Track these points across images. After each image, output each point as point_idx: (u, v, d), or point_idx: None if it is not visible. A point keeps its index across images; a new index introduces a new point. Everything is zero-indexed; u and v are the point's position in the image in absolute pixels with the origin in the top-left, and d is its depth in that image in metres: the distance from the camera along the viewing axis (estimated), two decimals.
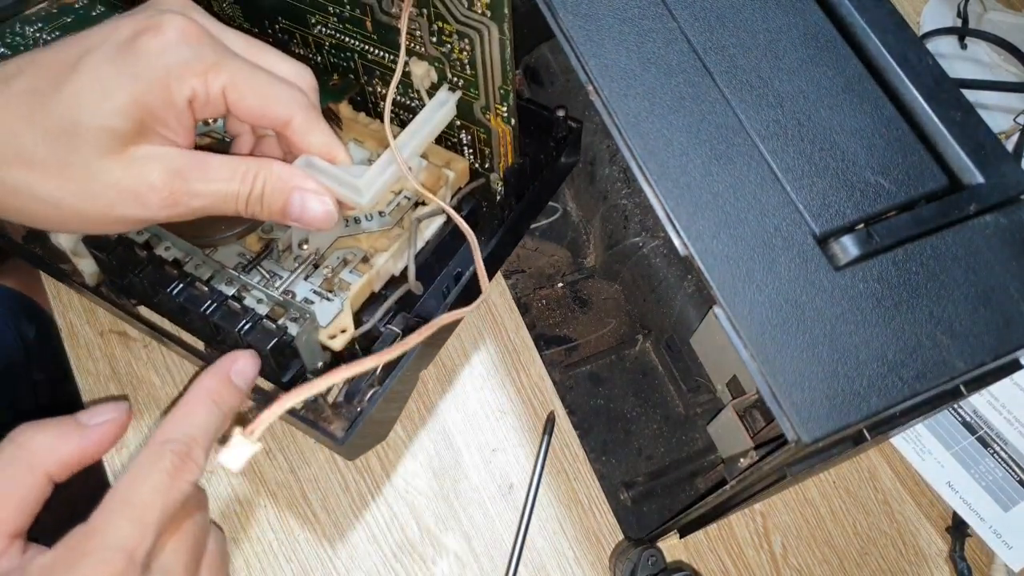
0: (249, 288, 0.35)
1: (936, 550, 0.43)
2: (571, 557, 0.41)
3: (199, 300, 0.34)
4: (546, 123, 0.43)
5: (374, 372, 0.35)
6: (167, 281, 0.35)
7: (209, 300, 0.34)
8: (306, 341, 0.34)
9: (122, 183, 0.27)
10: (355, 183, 0.30)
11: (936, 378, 0.25)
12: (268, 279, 0.36)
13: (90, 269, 0.39)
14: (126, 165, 0.27)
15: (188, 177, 0.28)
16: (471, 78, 0.36)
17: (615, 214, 0.44)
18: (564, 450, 0.43)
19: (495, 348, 0.45)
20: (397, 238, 0.38)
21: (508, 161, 0.40)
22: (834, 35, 0.32)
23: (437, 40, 0.35)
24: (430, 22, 0.35)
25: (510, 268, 0.47)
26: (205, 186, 0.28)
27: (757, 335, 0.25)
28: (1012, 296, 0.27)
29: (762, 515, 0.43)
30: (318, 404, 0.34)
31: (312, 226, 0.30)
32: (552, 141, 0.43)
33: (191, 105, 0.28)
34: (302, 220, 0.30)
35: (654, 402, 0.44)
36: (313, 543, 0.40)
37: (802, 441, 0.24)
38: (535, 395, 0.44)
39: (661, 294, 0.42)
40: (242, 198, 0.29)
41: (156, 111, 0.27)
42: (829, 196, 0.28)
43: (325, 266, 0.37)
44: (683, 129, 0.29)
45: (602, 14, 0.31)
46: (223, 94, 0.28)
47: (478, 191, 0.41)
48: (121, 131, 0.27)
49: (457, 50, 0.35)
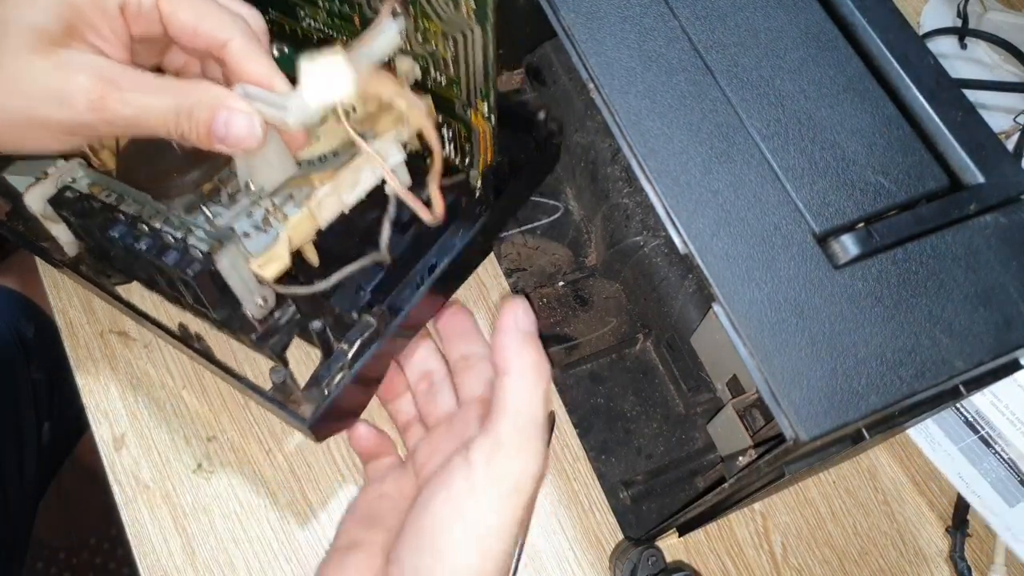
0: (193, 229, 0.35)
1: (936, 550, 0.43)
2: (571, 557, 0.41)
3: (139, 239, 0.34)
4: (528, 124, 0.43)
5: (345, 356, 0.34)
6: (114, 226, 0.34)
7: (149, 239, 0.33)
8: (231, 266, 0.33)
9: (48, 83, 0.27)
10: (283, 102, 0.30)
11: (935, 377, 0.25)
12: (211, 219, 0.35)
13: (66, 237, 0.39)
14: (53, 66, 0.27)
15: (118, 85, 0.27)
16: (454, 77, 0.36)
17: (616, 213, 0.44)
18: (564, 449, 0.43)
19: None
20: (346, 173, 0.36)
21: (488, 159, 0.40)
22: (835, 34, 0.32)
23: (422, 38, 0.35)
24: (416, 20, 0.35)
25: (511, 267, 0.47)
26: (134, 95, 0.28)
27: (756, 333, 0.25)
28: (1012, 296, 0.27)
29: (762, 515, 0.43)
30: (287, 386, 0.34)
31: (238, 146, 0.29)
32: (533, 141, 0.43)
33: (123, 13, 0.28)
34: (227, 139, 0.29)
35: (654, 401, 0.44)
36: (313, 543, 0.40)
37: (800, 439, 0.24)
38: None
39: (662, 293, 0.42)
40: (170, 112, 0.28)
41: (86, 14, 0.27)
42: (829, 195, 0.28)
43: (271, 204, 0.36)
44: (684, 127, 0.29)
45: (604, 12, 0.31)
46: (157, 6, 0.28)
47: (457, 187, 0.41)
48: (49, 31, 0.26)
49: (441, 49, 0.35)
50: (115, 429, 0.41)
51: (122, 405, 0.42)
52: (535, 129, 0.43)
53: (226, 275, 0.34)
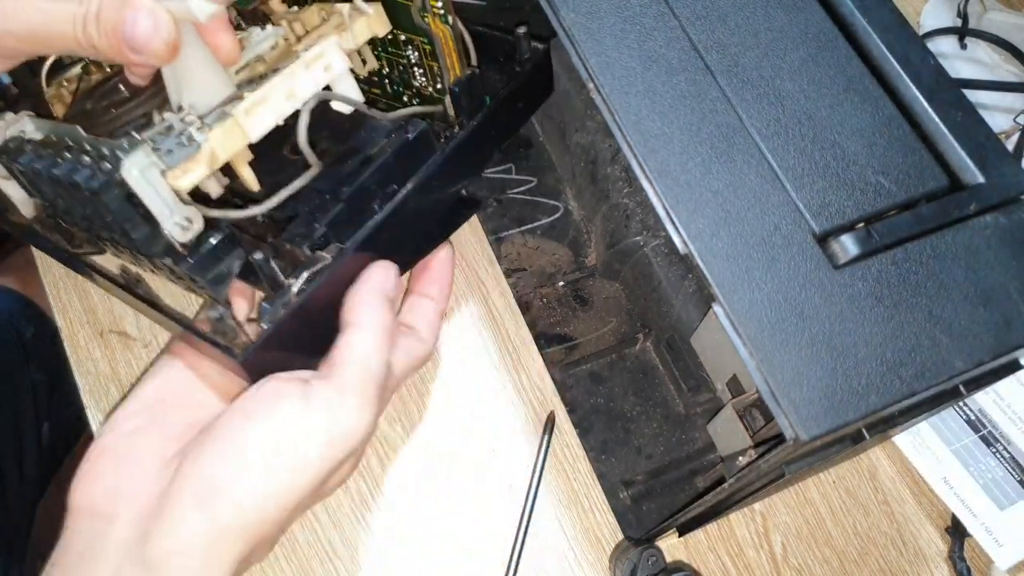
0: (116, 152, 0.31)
1: (936, 550, 0.43)
2: (571, 557, 0.41)
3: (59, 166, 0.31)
4: (508, 46, 0.40)
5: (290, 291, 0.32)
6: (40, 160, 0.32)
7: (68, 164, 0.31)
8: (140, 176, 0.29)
9: None
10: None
11: (935, 377, 0.25)
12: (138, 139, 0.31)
13: (18, 195, 0.37)
14: None
15: None
16: None
17: (616, 213, 0.44)
18: (564, 449, 0.43)
19: (495, 348, 0.45)
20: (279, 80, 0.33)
21: (456, 71, 0.36)
22: (835, 34, 0.32)
23: None
24: None
25: (511, 267, 0.47)
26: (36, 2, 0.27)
27: (756, 333, 0.25)
28: (1012, 296, 0.27)
29: (762, 515, 0.43)
30: (224, 324, 0.32)
31: (147, 49, 0.28)
32: (516, 64, 0.40)
33: None
34: (134, 41, 0.28)
35: (654, 401, 0.44)
36: (313, 543, 0.40)
37: (800, 439, 0.24)
38: (535, 395, 0.44)
39: (662, 293, 0.42)
40: (78, 19, 0.27)
41: None
42: (829, 195, 0.28)
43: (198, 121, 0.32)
44: (684, 127, 0.29)
45: (604, 12, 0.31)
46: None
47: (432, 116, 0.37)
48: None
49: None
50: None
51: None
52: (517, 50, 0.39)
53: (135, 186, 0.30)
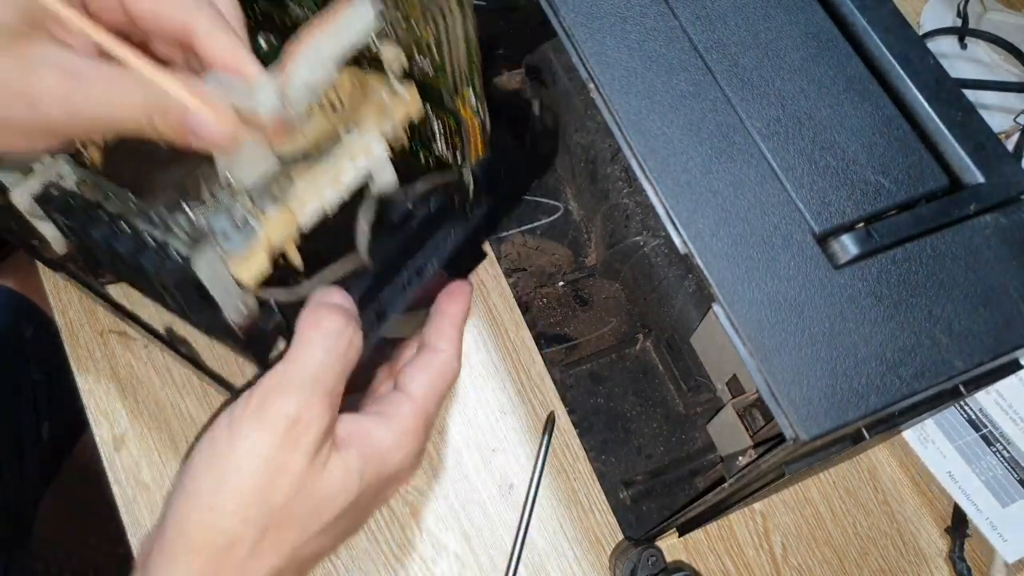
0: (173, 228, 0.33)
1: (936, 550, 0.43)
2: (571, 557, 0.41)
3: (119, 239, 0.32)
4: (522, 119, 0.42)
5: None
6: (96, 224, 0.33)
7: (129, 240, 0.32)
8: (209, 269, 0.32)
9: (12, 83, 0.26)
10: (255, 93, 0.29)
11: (935, 377, 0.25)
12: (191, 218, 0.33)
13: (53, 234, 0.38)
14: (16, 64, 0.26)
15: (86, 79, 0.26)
16: (438, 63, 0.35)
17: (616, 213, 0.44)
18: (564, 449, 0.43)
19: (495, 348, 0.45)
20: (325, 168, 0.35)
21: (478, 153, 0.38)
22: (835, 34, 0.32)
23: (403, 21, 0.33)
24: (396, 4, 0.33)
25: (511, 267, 0.47)
26: (104, 91, 0.27)
27: (756, 333, 0.25)
28: (1012, 296, 0.27)
29: (762, 515, 0.43)
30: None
31: (212, 141, 0.28)
32: (528, 135, 0.42)
33: (86, 6, 0.27)
34: (200, 133, 0.28)
35: (654, 401, 0.44)
36: None
37: (800, 439, 0.24)
38: (535, 395, 0.44)
39: (662, 293, 0.42)
40: (141, 108, 0.27)
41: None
42: (829, 195, 0.28)
43: (250, 201, 0.34)
44: (684, 127, 0.29)
45: (604, 12, 0.31)
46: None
47: (450, 186, 0.40)
48: (11, 27, 0.25)
49: (423, 31, 0.33)
50: (115, 429, 0.41)
51: (122, 405, 0.42)
52: (529, 124, 0.42)
53: (205, 279, 0.32)
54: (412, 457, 0.32)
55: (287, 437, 0.28)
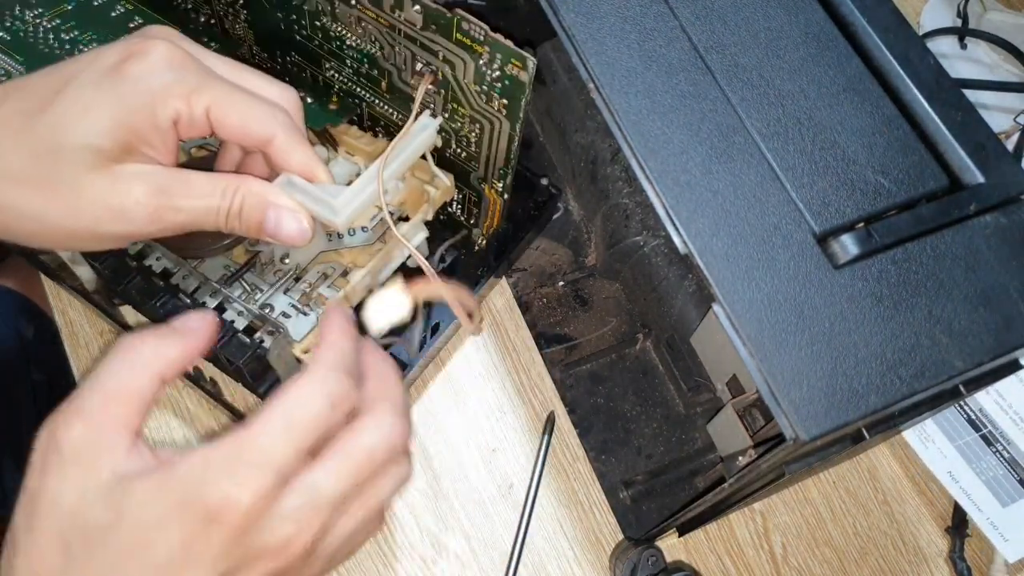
0: (230, 301, 0.36)
1: (936, 550, 0.43)
2: (571, 557, 0.41)
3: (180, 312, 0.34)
4: (530, 185, 0.46)
5: None
6: (153, 292, 0.36)
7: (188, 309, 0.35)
8: (279, 356, 0.35)
9: (107, 200, 0.28)
10: (331, 203, 0.31)
11: (935, 377, 0.25)
12: (249, 292, 0.37)
13: (87, 275, 0.40)
14: (111, 182, 0.28)
15: (172, 193, 0.29)
16: (474, 154, 0.38)
17: (616, 213, 0.44)
18: (564, 449, 0.43)
19: (495, 348, 0.45)
20: (376, 253, 0.38)
21: (494, 224, 0.42)
22: (835, 34, 0.32)
23: (449, 117, 0.37)
24: (446, 101, 0.36)
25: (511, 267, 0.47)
26: (187, 202, 0.29)
27: (756, 333, 0.25)
28: (1012, 296, 0.27)
29: (762, 515, 0.43)
30: None
31: (287, 243, 0.31)
32: (533, 203, 0.46)
33: (175, 126, 0.29)
34: (277, 236, 0.31)
35: (654, 401, 0.44)
36: None
37: (800, 439, 0.24)
38: (535, 395, 0.44)
39: (662, 293, 0.42)
40: (222, 213, 0.30)
41: (141, 132, 0.28)
42: (829, 195, 0.28)
43: (304, 281, 0.38)
44: (684, 127, 0.29)
45: (604, 12, 0.31)
46: (206, 114, 0.29)
47: (460, 242, 0.44)
48: (105, 150, 0.27)
49: (467, 130, 0.37)
50: None
51: None
52: (537, 192, 0.46)
53: (273, 363, 0.35)
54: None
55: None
